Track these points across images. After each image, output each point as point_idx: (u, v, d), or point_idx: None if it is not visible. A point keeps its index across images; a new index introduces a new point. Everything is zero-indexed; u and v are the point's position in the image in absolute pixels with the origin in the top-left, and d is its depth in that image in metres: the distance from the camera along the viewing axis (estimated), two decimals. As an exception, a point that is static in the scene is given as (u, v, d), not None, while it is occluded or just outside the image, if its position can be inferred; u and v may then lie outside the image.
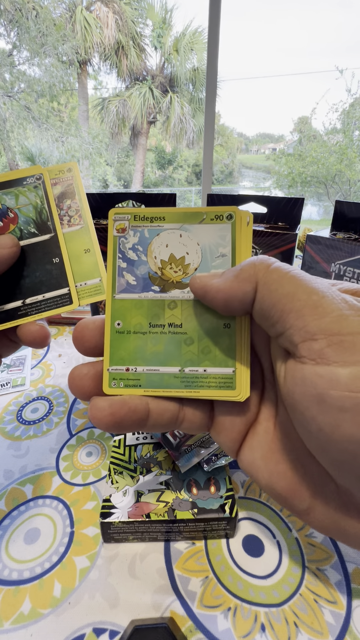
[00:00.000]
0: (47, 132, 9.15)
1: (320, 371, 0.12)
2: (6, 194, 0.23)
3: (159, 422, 0.16)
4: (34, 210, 0.23)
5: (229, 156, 15.31)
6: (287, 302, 0.13)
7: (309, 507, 0.14)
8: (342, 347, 0.11)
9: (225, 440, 0.17)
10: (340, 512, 0.14)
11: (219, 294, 0.15)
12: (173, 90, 10.58)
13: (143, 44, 10.24)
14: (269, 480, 0.15)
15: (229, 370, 0.16)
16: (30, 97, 8.66)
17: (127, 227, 0.17)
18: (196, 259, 0.17)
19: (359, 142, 6.45)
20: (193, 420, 0.17)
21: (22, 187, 0.23)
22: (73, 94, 10.57)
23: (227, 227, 0.16)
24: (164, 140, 11.92)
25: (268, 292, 0.13)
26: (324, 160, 6.56)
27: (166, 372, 0.16)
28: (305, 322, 0.12)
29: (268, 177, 13.41)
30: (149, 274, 0.17)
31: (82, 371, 0.16)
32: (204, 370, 0.16)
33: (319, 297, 0.12)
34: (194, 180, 13.49)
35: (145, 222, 0.17)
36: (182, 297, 0.16)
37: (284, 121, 31.65)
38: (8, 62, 8.16)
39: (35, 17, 7.81)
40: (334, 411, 0.11)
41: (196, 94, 10.55)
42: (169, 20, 10.50)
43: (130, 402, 0.15)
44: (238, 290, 0.14)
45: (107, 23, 9.27)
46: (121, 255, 0.17)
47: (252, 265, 0.14)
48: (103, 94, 11.64)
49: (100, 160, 11.40)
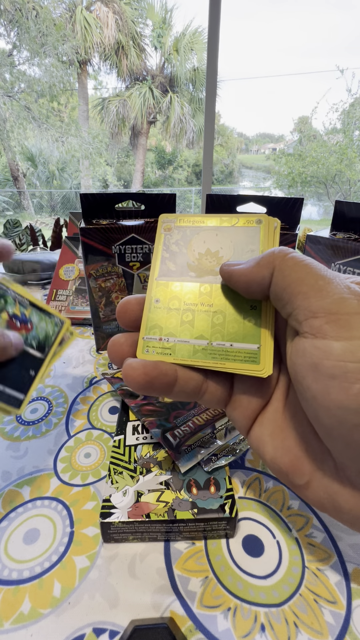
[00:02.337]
0: (47, 132, 9.16)
1: (317, 344, 0.13)
2: (36, 313, 0.29)
3: (184, 390, 0.17)
4: (44, 334, 0.29)
5: (229, 156, 15.31)
6: (297, 285, 0.14)
7: (307, 482, 0.16)
8: (338, 324, 0.13)
9: (240, 417, 0.18)
10: (336, 487, 0.15)
11: (241, 277, 0.17)
12: (173, 90, 10.58)
13: (143, 44, 10.24)
14: (273, 455, 0.17)
15: (254, 346, 0.17)
16: (30, 97, 8.66)
17: (173, 227, 0.20)
18: (229, 253, 0.19)
19: (359, 142, 6.45)
20: (214, 393, 0.18)
21: (49, 318, 0.30)
22: (73, 94, 10.57)
23: (257, 229, 0.19)
24: (164, 140, 11.92)
25: (282, 277, 0.15)
26: (324, 160, 6.56)
27: (195, 344, 0.18)
28: (309, 302, 0.14)
29: (268, 177, 13.41)
30: (188, 263, 0.20)
31: (120, 339, 0.19)
32: (231, 345, 0.17)
33: (325, 282, 0.14)
34: (194, 180, 13.49)
35: (188, 224, 0.20)
36: (215, 282, 0.19)
37: (284, 121, 31.64)
38: (8, 62, 8.16)
39: (35, 17, 7.81)
40: (325, 378, 0.13)
41: (196, 94, 10.55)
42: (169, 20, 10.50)
43: (161, 366, 0.17)
44: (257, 275, 0.16)
45: (107, 23, 9.27)
46: (165, 248, 0.20)
47: (271, 254, 0.16)
48: (103, 94, 11.64)
49: (100, 160, 11.40)
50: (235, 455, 0.29)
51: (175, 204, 0.44)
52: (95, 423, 0.36)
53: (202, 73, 9.93)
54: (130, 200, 0.44)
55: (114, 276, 0.43)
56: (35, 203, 10.05)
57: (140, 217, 0.44)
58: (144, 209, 0.44)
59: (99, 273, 0.43)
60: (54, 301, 0.57)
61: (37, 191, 10.26)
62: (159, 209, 0.44)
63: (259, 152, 20.97)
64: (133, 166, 11.98)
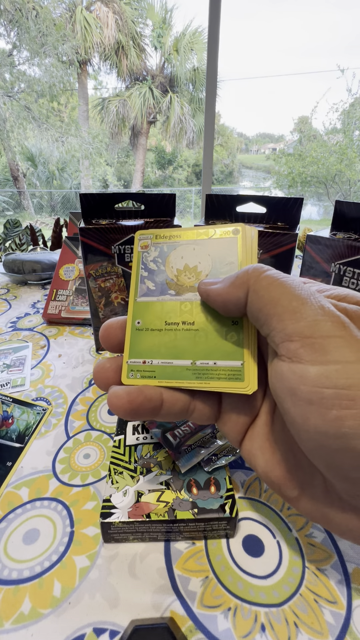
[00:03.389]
0: (47, 132, 9.15)
1: (294, 368, 0.13)
2: (19, 407, 0.31)
3: (171, 411, 0.17)
4: (24, 425, 0.31)
5: (229, 156, 15.31)
6: (271, 307, 0.14)
7: (299, 496, 0.16)
8: (313, 348, 0.13)
9: (230, 431, 0.18)
10: (325, 501, 0.15)
11: (217, 297, 0.17)
12: (173, 90, 10.58)
13: (143, 44, 10.24)
14: (264, 468, 0.17)
15: (238, 363, 0.17)
16: (30, 97, 8.66)
17: (150, 244, 0.20)
18: (207, 267, 0.19)
19: (359, 142, 6.45)
20: (202, 411, 0.18)
21: (30, 409, 0.31)
22: (73, 94, 10.57)
23: (234, 240, 0.19)
24: (164, 140, 11.92)
25: (256, 298, 0.15)
26: (324, 160, 6.56)
27: (179, 364, 0.18)
28: (284, 325, 0.14)
29: (268, 177, 13.41)
30: (167, 280, 0.19)
31: (105, 365, 0.19)
32: (214, 363, 0.17)
33: (299, 303, 0.14)
34: (194, 180, 13.49)
35: (165, 240, 0.20)
36: (195, 299, 0.18)
37: (284, 121, 31.64)
38: (8, 62, 8.16)
39: (35, 17, 7.81)
40: (303, 404, 0.13)
41: (196, 94, 10.55)
42: (169, 20, 10.50)
43: (145, 391, 0.17)
44: (233, 295, 0.16)
45: (107, 23, 9.26)
46: (144, 267, 0.20)
47: (245, 273, 0.16)
48: (103, 94, 11.64)
49: (100, 160, 11.40)
50: (235, 455, 0.29)
51: (175, 204, 0.44)
52: (95, 424, 0.36)
53: (202, 73, 9.93)
54: (130, 200, 0.44)
55: (114, 276, 0.43)
56: (35, 203, 10.05)
57: (140, 217, 0.44)
58: (144, 209, 0.44)
59: (99, 273, 0.43)
60: (54, 301, 0.57)
61: (37, 191, 10.26)
62: (159, 209, 0.44)
63: (259, 152, 20.97)
64: (133, 166, 11.99)
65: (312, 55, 35.34)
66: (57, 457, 0.32)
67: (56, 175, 10.23)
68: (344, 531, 0.15)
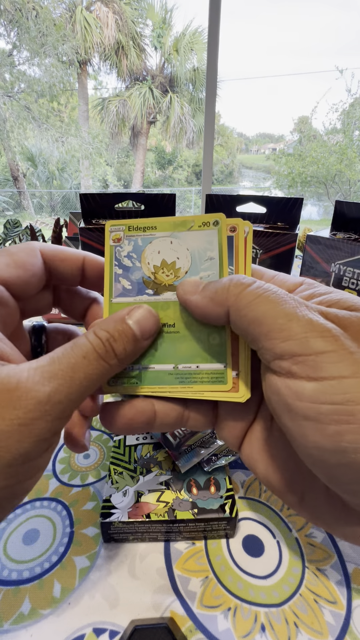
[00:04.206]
0: (47, 132, 9.16)
1: (289, 383, 0.13)
2: None
3: (166, 422, 0.17)
4: None
5: (229, 156, 15.31)
6: (256, 326, 0.14)
7: (300, 500, 0.15)
8: (306, 365, 0.13)
9: (229, 437, 0.18)
10: (327, 506, 0.15)
11: (196, 309, 0.16)
12: (173, 90, 10.58)
13: (143, 44, 10.24)
14: (265, 473, 0.16)
15: (221, 365, 0.17)
16: (30, 97, 8.66)
17: (122, 237, 0.18)
18: (186, 263, 0.17)
19: (359, 142, 6.45)
20: (197, 419, 0.18)
21: None
22: (73, 94, 10.57)
23: (214, 233, 0.17)
24: (164, 140, 11.92)
25: (238, 318, 0.14)
26: (324, 160, 6.56)
27: (161, 369, 0.17)
28: (273, 344, 0.13)
29: (268, 177, 13.41)
30: (143, 278, 0.18)
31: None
32: (197, 367, 0.17)
33: (286, 320, 0.13)
34: (194, 180, 13.49)
35: (139, 232, 0.18)
36: (175, 299, 0.17)
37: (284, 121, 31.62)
38: (8, 62, 8.16)
39: (35, 17, 7.81)
40: (300, 419, 0.13)
41: (196, 94, 10.55)
42: (169, 20, 10.50)
43: (137, 405, 0.16)
44: (212, 312, 0.15)
45: (107, 23, 9.27)
46: (117, 263, 0.18)
47: (226, 290, 0.15)
48: (103, 94, 11.64)
49: (100, 160, 11.40)
50: (235, 456, 0.29)
51: (175, 204, 0.44)
52: (95, 424, 0.36)
53: (202, 73, 9.93)
54: (130, 201, 0.44)
55: (114, 276, 0.43)
56: (35, 203, 10.05)
57: (140, 217, 0.44)
58: (144, 209, 0.44)
59: (99, 273, 0.43)
60: (54, 301, 0.57)
61: (37, 191, 10.26)
62: (159, 209, 0.44)
63: (259, 152, 20.96)
64: (133, 166, 11.99)
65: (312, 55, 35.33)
66: (57, 457, 0.32)
67: (56, 175, 10.22)
68: (347, 535, 0.15)
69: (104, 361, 0.15)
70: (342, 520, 0.14)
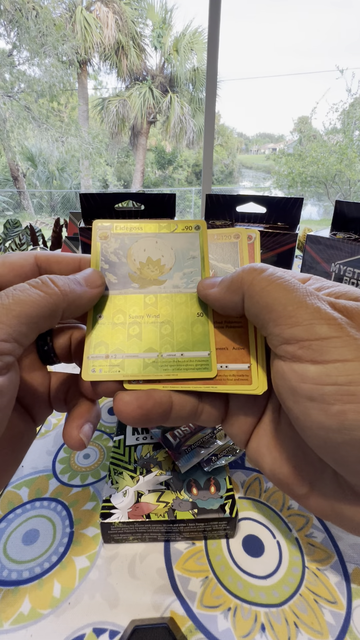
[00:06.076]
0: (47, 132, 9.16)
1: (294, 367, 0.14)
2: None
3: (181, 415, 0.17)
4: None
5: (229, 156, 15.31)
6: (267, 313, 0.14)
7: (308, 492, 0.16)
8: (311, 349, 0.13)
9: (237, 432, 0.18)
10: (337, 496, 0.15)
11: (216, 303, 0.17)
12: (173, 90, 10.58)
13: (143, 44, 10.24)
14: (272, 467, 0.17)
15: (205, 353, 0.17)
16: (30, 97, 8.67)
17: (109, 235, 0.19)
18: (170, 261, 0.19)
19: (359, 142, 6.45)
20: (210, 413, 0.18)
21: None
22: (73, 94, 10.57)
23: (196, 235, 0.19)
24: (164, 140, 11.92)
25: (251, 304, 0.15)
26: (324, 160, 6.56)
27: (145, 357, 0.18)
28: (281, 330, 0.14)
29: (268, 177, 13.41)
30: (129, 273, 0.19)
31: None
32: (181, 355, 0.17)
33: (295, 307, 0.14)
34: (194, 180, 13.49)
35: (125, 231, 0.19)
36: (159, 292, 0.19)
37: (284, 121, 31.64)
38: (8, 62, 8.16)
39: (35, 17, 7.81)
40: (304, 400, 0.13)
41: (196, 94, 10.55)
42: (169, 20, 10.50)
43: (155, 395, 0.17)
44: (229, 301, 0.16)
45: (107, 23, 9.27)
46: (104, 258, 0.19)
47: (240, 278, 0.16)
48: (103, 94, 11.64)
49: (100, 160, 11.40)
50: (235, 455, 0.29)
51: (175, 204, 0.44)
52: (95, 423, 0.36)
53: (202, 73, 9.93)
54: (130, 200, 0.44)
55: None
56: (35, 203, 10.06)
57: (140, 217, 0.44)
58: (144, 209, 0.44)
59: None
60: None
61: (37, 191, 10.26)
62: (159, 209, 0.44)
63: (259, 152, 20.96)
64: (133, 166, 11.98)
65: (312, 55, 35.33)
66: (57, 457, 0.32)
67: (56, 175, 10.23)
68: (356, 526, 0.15)
69: (46, 293, 0.16)
70: (352, 510, 0.15)
